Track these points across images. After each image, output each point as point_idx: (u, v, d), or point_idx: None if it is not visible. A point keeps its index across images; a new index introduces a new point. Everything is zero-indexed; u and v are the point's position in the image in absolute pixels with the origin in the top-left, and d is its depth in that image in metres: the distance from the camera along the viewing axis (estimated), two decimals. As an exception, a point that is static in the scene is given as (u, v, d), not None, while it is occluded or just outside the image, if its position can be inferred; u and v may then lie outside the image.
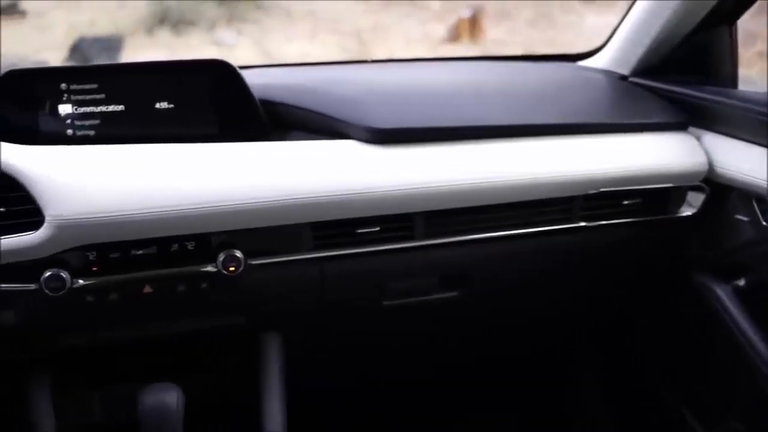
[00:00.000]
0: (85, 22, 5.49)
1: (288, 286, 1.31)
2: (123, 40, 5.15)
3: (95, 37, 5.07)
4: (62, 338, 1.27)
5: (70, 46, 4.96)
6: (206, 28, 5.34)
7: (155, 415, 1.13)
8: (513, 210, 1.37)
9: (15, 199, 1.13)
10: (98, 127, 1.25)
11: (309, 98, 1.36)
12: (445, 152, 1.32)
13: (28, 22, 5.70)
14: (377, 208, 1.27)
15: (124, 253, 1.20)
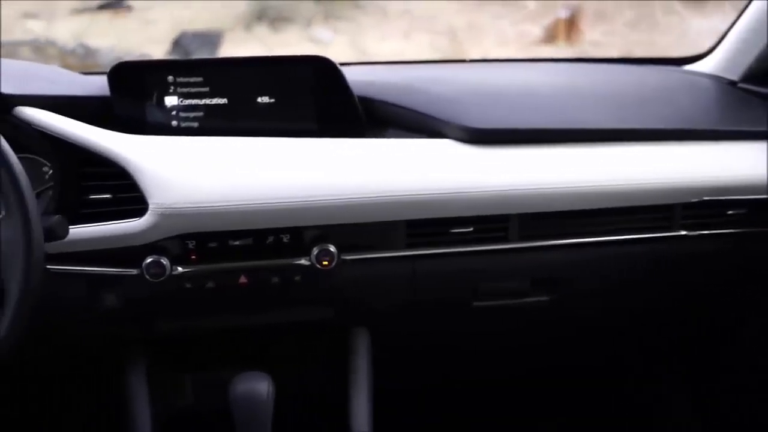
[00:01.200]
0: (187, 17, 5.63)
1: (379, 283, 1.32)
2: (222, 35, 5.26)
3: (196, 32, 5.20)
4: (159, 323, 1.31)
5: (172, 40, 5.10)
6: (303, 25, 5.41)
7: (246, 402, 1.16)
8: (610, 215, 1.34)
9: (121, 186, 1.17)
10: (202, 119, 1.29)
11: (406, 96, 1.36)
12: (543, 154, 1.30)
13: (134, 17, 5.89)
14: (472, 208, 1.26)
15: (222, 243, 1.23)
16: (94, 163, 1.17)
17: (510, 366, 1.75)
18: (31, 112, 1.17)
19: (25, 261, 0.96)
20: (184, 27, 5.42)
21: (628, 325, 1.64)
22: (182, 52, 4.77)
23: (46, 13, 5.71)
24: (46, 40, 4.13)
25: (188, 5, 5.84)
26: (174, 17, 5.70)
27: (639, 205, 1.34)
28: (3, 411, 1.59)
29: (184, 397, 1.42)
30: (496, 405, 1.88)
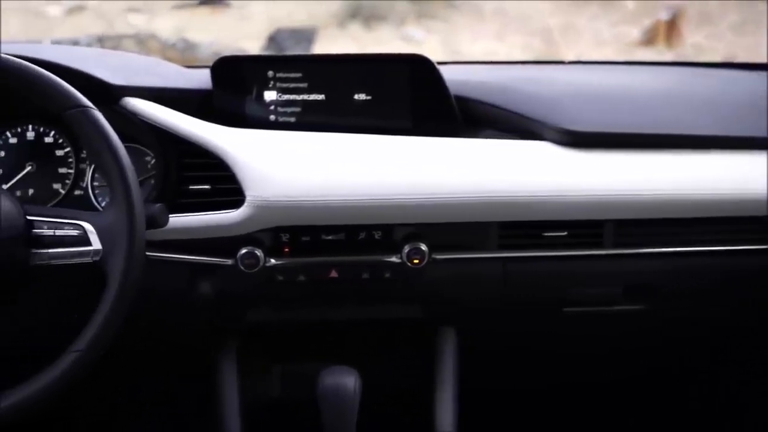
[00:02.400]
0: (282, 14, 5.73)
1: (469, 283, 1.31)
2: (316, 32, 5.33)
3: (291, 29, 5.28)
4: (251, 313, 1.34)
5: (268, 36, 5.19)
6: (396, 23, 5.43)
7: (333, 396, 1.17)
8: (708, 225, 1.30)
9: (220, 178, 1.20)
10: (299, 115, 1.31)
11: (503, 96, 1.35)
12: (641, 160, 1.27)
13: (231, 12, 6.04)
14: (567, 212, 1.24)
15: (315, 237, 1.24)
16: (195, 155, 1.21)
17: (595, 371, 1.72)
18: (138, 103, 1.21)
19: (127, 247, 1.00)
20: (280, 23, 5.51)
21: (720, 336, 1.59)
22: (277, 48, 4.85)
23: (148, 8, 5.90)
24: (148, 34, 4.26)
25: (284, 3, 5.95)
26: (270, 14, 5.81)
27: (738, 216, 1.29)
28: (97, 397, 1.65)
29: (272, 387, 1.45)
30: (580, 409, 1.85)
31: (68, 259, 1.01)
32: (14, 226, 1.00)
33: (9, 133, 1.30)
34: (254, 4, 5.89)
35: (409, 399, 1.46)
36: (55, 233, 1.02)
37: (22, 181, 1.29)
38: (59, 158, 1.30)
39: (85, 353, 0.98)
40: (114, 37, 3.83)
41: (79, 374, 0.99)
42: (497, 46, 4.92)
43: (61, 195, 1.29)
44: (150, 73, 1.34)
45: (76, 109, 1.01)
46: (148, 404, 1.71)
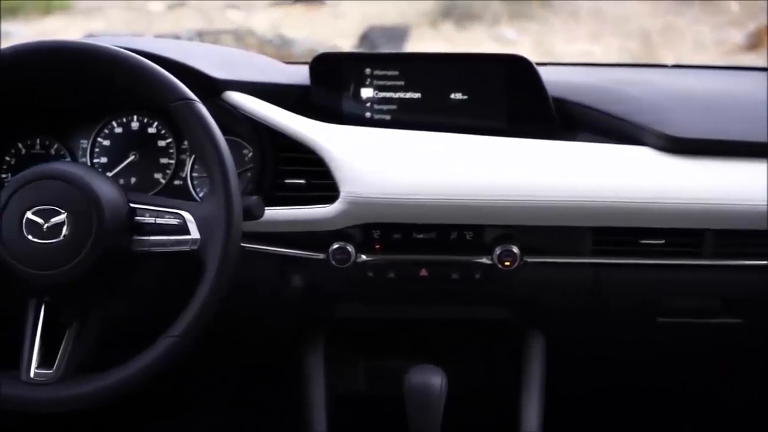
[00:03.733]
0: (375, 12, 5.78)
1: (560, 288, 1.29)
2: (409, 30, 5.35)
3: (383, 27, 5.32)
4: (339, 308, 1.35)
5: (361, 34, 5.24)
6: (489, 23, 5.41)
7: (419, 394, 1.17)
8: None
9: (315, 173, 1.22)
10: (394, 112, 1.31)
11: (602, 99, 1.32)
12: (746, 169, 1.22)
13: (326, 10, 6.12)
14: (665, 220, 1.20)
15: (406, 235, 1.25)
16: (292, 149, 1.22)
17: (684, 379, 1.67)
18: (239, 97, 1.24)
19: (224, 237, 1.02)
20: (373, 21, 5.55)
21: None
22: (369, 45, 4.89)
23: (245, 5, 6.04)
24: (246, 29, 4.36)
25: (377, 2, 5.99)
26: (363, 12, 5.86)
27: None
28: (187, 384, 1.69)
29: (357, 382, 1.46)
30: (666, 416, 1.80)
31: (167, 247, 1.04)
32: (118, 212, 1.03)
33: (115, 122, 1.35)
34: (348, 3, 5.95)
35: (494, 400, 1.45)
36: (156, 221, 1.05)
37: (125, 170, 1.33)
38: (161, 148, 1.34)
39: (180, 339, 1.01)
40: (213, 32, 3.93)
41: (173, 360, 1.02)
42: (593, 48, 4.83)
43: (162, 184, 1.33)
44: (251, 68, 1.37)
45: (182, 102, 1.04)
46: (236, 394, 1.75)
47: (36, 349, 1.04)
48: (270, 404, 1.69)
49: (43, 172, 1.04)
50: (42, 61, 1.07)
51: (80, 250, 1.01)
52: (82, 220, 1.01)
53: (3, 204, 1.02)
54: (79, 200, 1.02)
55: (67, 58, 1.06)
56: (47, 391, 1.02)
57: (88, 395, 1.01)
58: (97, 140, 1.34)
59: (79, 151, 1.34)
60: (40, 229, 1.01)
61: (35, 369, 1.03)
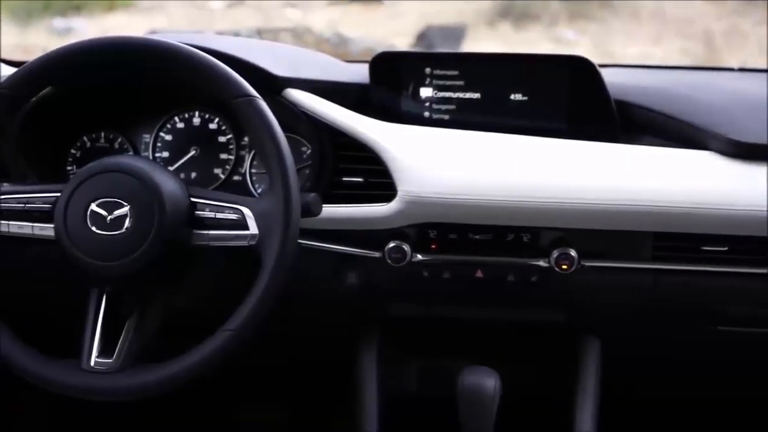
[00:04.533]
0: (433, 11, 5.77)
1: (617, 293, 1.27)
2: (466, 30, 5.33)
3: (441, 26, 5.31)
4: (394, 307, 1.35)
5: (418, 33, 5.24)
6: (547, 24, 5.35)
7: (473, 395, 1.16)
8: None
9: (373, 171, 1.22)
10: (453, 112, 1.31)
11: (665, 102, 1.30)
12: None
13: (384, 9, 6.13)
14: (730, 226, 1.18)
15: (463, 236, 1.24)
16: (350, 147, 1.23)
17: (742, 389, 1.62)
18: (299, 95, 1.25)
19: (282, 233, 1.02)
20: (430, 21, 5.54)
21: None
22: (426, 45, 4.88)
23: (304, 4, 6.08)
24: (305, 28, 4.39)
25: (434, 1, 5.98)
26: (420, 11, 5.86)
27: None
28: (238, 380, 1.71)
29: (410, 381, 1.45)
30: (724, 426, 1.76)
31: (226, 242, 1.05)
32: (180, 206, 1.05)
33: (177, 118, 1.37)
34: (406, 2, 5.96)
35: (548, 404, 1.43)
36: (215, 216, 1.06)
37: (186, 165, 1.35)
38: (221, 144, 1.36)
39: (236, 333, 1.02)
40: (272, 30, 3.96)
41: (229, 353, 1.03)
42: (653, 50, 4.74)
43: (221, 180, 1.35)
44: (311, 66, 1.37)
45: (243, 98, 1.05)
46: (287, 390, 1.76)
47: (96, 338, 1.06)
48: (321, 402, 1.70)
49: (108, 165, 1.06)
50: (108, 56, 1.09)
51: (142, 243, 1.02)
52: (145, 213, 1.03)
53: (68, 195, 1.04)
54: (142, 193, 1.03)
55: (132, 54, 1.08)
56: (106, 380, 1.04)
57: (146, 385, 1.03)
58: (159, 135, 1.37)
59: (142, 146, 1.37)
60: (103, 220, 1.03)
61: (95, 358, 1.05)
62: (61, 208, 1.04)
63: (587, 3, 5.45)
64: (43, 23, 5.88)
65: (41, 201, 1.07)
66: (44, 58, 1.08)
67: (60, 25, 5.95)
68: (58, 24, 5.95)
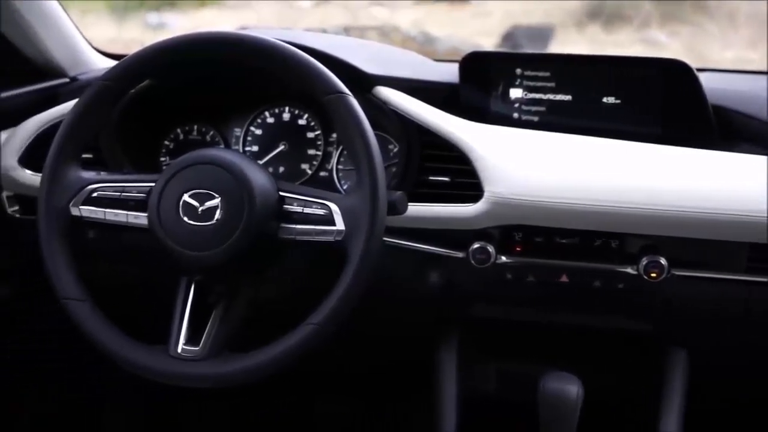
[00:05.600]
0: (520, 11, 5.70)
1: (707, 304, 1.23)
2: (553, 31, 5.24)
3: (528, 27, 5.24)
4: (476, 308, 1.34)
5: (503, 33, 5.18)
6: (638, 25, 5.22)
7: (554, 401, 1.15)
8: None
9: (460, 171, 1.21)
10: (543, 114, 1.29)
11: (765, 109, 1.25)
12: None
13: (470, 8, 6.09)
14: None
15: (549, 239, 1.22)
16: (438, 147, 1.23)
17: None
18: (389, 93, 1.25)
19: (369, 229, 1.03)
20: (517, 21, 5.48)
21: None
22: (512, 45, 4.82)
23: (390, 3, 6.09)
24: (392, 26, 4.40)
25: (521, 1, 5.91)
26: (507, 10, 5.80)
27: None
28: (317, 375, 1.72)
29: (489, 384, 1.44)
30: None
31: (312, 237, 1.05)
32: (269, 200, 1.06)
33: (267, 113, 1.39)
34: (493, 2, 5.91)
35: (630, 413, 1.40)
36: (303, 211, 1.06)
37: (274, 159, 1.37)
38: (309, 140, 1.37)
39: (320, 327, 1.02)
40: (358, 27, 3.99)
41: (312, 347, 1.03)
42: (750, 55, 4.57)
43: (308, 175, 1.37)
44: (401, 64, 1.38)
45: (335, 95, 1.05)
46: (365, 387, 1.77)
47: (184, 326, 1.08)
48: (399, 399, 1.70)
49: (200, 158, 1.08)
50: (205, 51, 1.11)
51: (231, 234, 1.04)
52: (235, 205, 1.04)
53: (162, 186, 1.07)
54: (233, 186, 1.05)
55: (229, 49, 1.10)
56: (192, 367, 1.06)
57: (231, 374, 1.05)
58: (249, 129, 1.39)
59: (233, 139, 1.40)
60: (195, 211, 1.05)
61: (182, 345, 1.07)
62: (155, 197, 1.07)
63: (680, 4, 5.28)
64: (138, 18, 6.06)
65: (136, 190, 1.10)
66: (144, 52, 1.11)
67: (153, 20, 6.12)
68: (151, 19, 6.13)
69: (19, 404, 1.66)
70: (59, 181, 1.10)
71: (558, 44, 5.17)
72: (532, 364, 1.34)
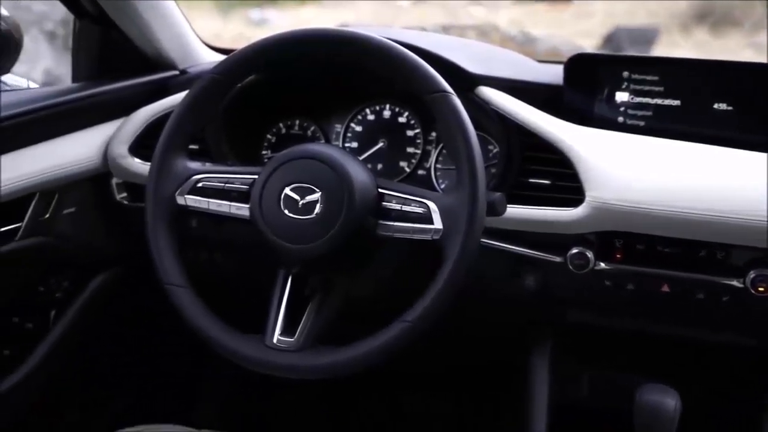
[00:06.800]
0: (622, 11, 5.57)
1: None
2: (658, 33, 5.10)
3: (631, 28, 5.12)
4: (571, 314, 1.32)
5: (605, 34, 5.08)
6: (749, 29, 5.02)
7: (651, 413, 1.12)
8: None
9: (561, 175, 1.19)
10: (649, 119, 1.26)
11: None
12: None
13: (570, 9, 5.99)
14: None
15: (651, 248, 1.19)
16: (539, 149, 1.21)
17: None
18: (492, 93, 1.24)
19: (467, 229, 1.02)
20: (618, 22, 5.36)
21: None
22: (614, 47, 4.72)
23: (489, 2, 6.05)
24: (491, 25, 4.37)
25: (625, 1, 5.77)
26: (609, 11, 5.67)
27: None
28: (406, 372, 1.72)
29: (581, 391, 1.42)
30: None
31: (410, 234, 1.05)
32: (368, 196, 1.07)
33: (368, 110, 1.40)
34: (596, 3, 5.79)
35: (729, 428, 1.35)
36: (401, 208, 1.06)
37: (373, 156, 1.38)
38: (409, 138, 1.38)
39: (414, 325, 1.02)
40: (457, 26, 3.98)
41: (405, 345, 1.03)
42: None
43: (406, 173, 1.37)
44: (504, 64, 1.36)
45: (439, 94, 1.05)
46: (454, 386, 1.76)
47: (280, 317, 1.09)
48: (487, 401, 1.69)
49: (303, 152, 1.09)
50: (314, 47, 1.12)
51: (330, 229, 1.04)
52: (335, 200, 1.05)
53: (265, 178, 1.08)
54: (333, 181, 1.05)
55: (336, 46, 1.10)
56: (286, 358, 1.07)
57: (325, 366, 1.06)
58: (350, 125, 1.40)
59: (333, 135, 1.41)
60: (295, 204, 1.06)
61: (278, 336, 1.08)
62: (257, 189, 1.08)
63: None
64: (241, 14, 6.20)
65: (240, 182, 1.11)
66: (253, 47, 1.13)
67: (256, 16, 6.26)
68: (254, 15, 6.27)
69: (116, 387, 1.72)
70: (167, 171, 1.13)
71: (662, 47, 5.03)
72: (627, 373, 1.31)
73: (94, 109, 1.40)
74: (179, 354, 1.76)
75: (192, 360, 1.76)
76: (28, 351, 1.42)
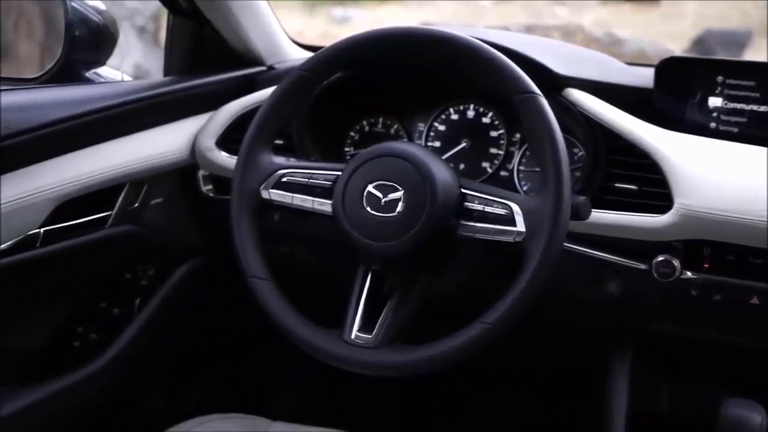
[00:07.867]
0: (714, 14, 5.42)
1: None
2: (751, 36, 4.93)
3: (722, 31, 4.96)
4: (655, 323, 1.29)
5: (694, 37, 4.94)
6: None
7: (735, 429, 1.08)
8: None
9: (649, 180, 1.17)
10: (744, 126, 1.22)
11: None
12: None
13: (658, 10, 5.85)
14: None
15: (741, 258, 1.15)
16: (626, 153, 1.18)
17: None
18: (579, 95, 1.22)
19: (550, 233, 1.00)
20: (708, 24, 5.21)
21: None
22: (703, 50, 4.59)
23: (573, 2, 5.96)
24: (576, 26, 4.30)
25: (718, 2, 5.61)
26: (700, 13, 5.52)
27: None
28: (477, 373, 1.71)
29: (659, 402, 1.38)
30: None
31: (491, 236, 1.04)
32: (450, 195, 1.06)
33: (452, 109, 1.40)
34: (686, 4, 5.64)
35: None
36: (484, 209, 1.05)
37: (456, 156, 1.38)
38: (492, 139, 1.36)
39: (493, 327, 1.01)
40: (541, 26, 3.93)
41: (482, 346, 1.02)
42: None
43: (488, 174, 1.36)
44: (591, 66, 1.34)
45: (526, 95, 1.03)
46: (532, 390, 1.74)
47: (359, 313, 1.09)
48: (564, 406, 1.66)
49: (386, 150, 1.09)
50: (401, 45, 1.11)
51: (412, 227, 1.04)
52: (417, 198, 1.04)
53: (349, 175, 1.09)
54: (416, 180, 1.05)
55: (423, 44, 1.10)
56: (364, 354, 1.07)
57: (401, 365, 1.05)
58: (433, 125, 1.40)
59: (416, 133, 1.41)
60: (378, 202, 1.06)
61: (356, 332, 1.08)
62: (340, 186, 1.09)
63: None
64: (325, 12, 6.27)
65: (323, 178, 1.12)
66: (341, 45, 1.13)
67: (339, 14, 6.32)
68: (337, 13, 6.33)
69: (196, 375, 1.76)
70: (252, 165, 1.14)
71: (754, 51, 4.87)
72: (710, 386, 1.27)
73: (183, 102, 1.43)
74: (258, 345, 1.79)
75: (270, 352, 1.79)
76: (114, 336, 1.46)
